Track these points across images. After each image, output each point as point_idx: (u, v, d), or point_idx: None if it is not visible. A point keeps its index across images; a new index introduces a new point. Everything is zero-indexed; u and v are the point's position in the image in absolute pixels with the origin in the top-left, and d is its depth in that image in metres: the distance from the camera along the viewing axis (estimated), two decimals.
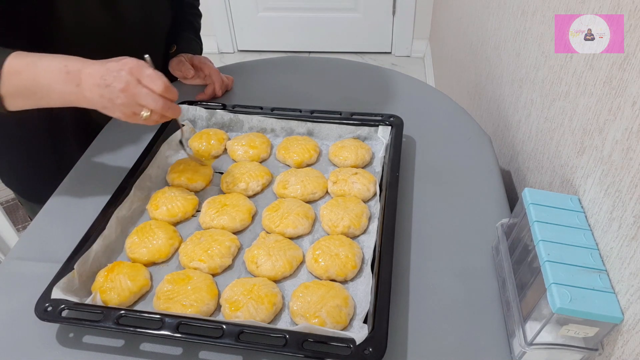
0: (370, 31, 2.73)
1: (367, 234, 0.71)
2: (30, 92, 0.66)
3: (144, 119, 0.65)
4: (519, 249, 0.60)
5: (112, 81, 0.63)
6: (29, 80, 0.65)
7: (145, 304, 0.63)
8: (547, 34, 0.77)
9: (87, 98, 0.65)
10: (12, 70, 0.65)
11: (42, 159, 0.96)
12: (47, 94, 0.66)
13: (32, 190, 1.00)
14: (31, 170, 0.98)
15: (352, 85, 1.05)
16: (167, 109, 0.66)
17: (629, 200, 0.50)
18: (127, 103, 0.64)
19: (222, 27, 2.77)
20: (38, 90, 0.66)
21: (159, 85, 0.64)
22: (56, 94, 0.66)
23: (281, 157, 0.84)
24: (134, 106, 0.65)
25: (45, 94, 0.66)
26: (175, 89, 0.67)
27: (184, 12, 1.06)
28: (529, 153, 0.83)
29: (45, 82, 0.65)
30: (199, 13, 1.11)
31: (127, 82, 0.63)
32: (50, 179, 0.83)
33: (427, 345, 0.58)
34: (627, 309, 0.49)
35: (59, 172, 0.83)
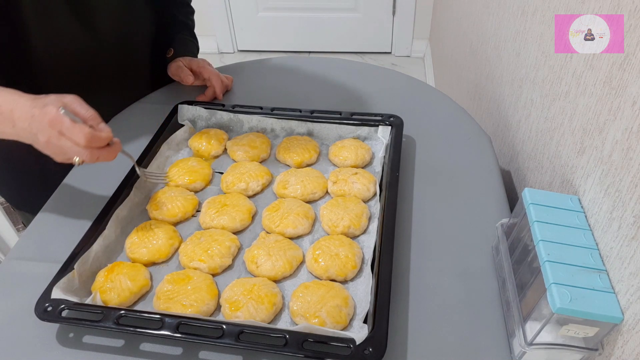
0: (370, 31, 2.73)
1: (367, 234, 0.71)
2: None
3: (77, 164, 0.63)
4: (519, 249, 0.60)
5: (37, 132, 0.61)
6: None
7: (145, 304, 0.63)
8: (547, 34, 0.77)
9: (22, 138, 0.64)
10: None
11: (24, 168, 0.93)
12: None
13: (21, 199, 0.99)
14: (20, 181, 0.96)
15: (352, 85, 1.05)
16: (95, 158, 0.62)
17: (629, 200, 0.50)
18: (55, 153, 0.62)
19: (222, 27, 2.77)
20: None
21: (80, 139, 0.60)
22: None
23: (281, 157, 0.84)
24: (63, 155, 0.63)
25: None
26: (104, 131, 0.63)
27: (177, 12, 1.05)
28: (529, 153, 0.83)
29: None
30: (192, 10, 1.10)
31: (49, 135, 0.60)
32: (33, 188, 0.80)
33: (427, 345, 0.58)
34: (627, 309, 0.49)
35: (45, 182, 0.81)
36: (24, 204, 0.98)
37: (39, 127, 0.60)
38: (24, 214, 1.00)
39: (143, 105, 1.00)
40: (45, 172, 0.83)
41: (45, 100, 0.62)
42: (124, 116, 0.97)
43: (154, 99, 1.01)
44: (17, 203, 1.01)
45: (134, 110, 0.99)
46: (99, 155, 0.63)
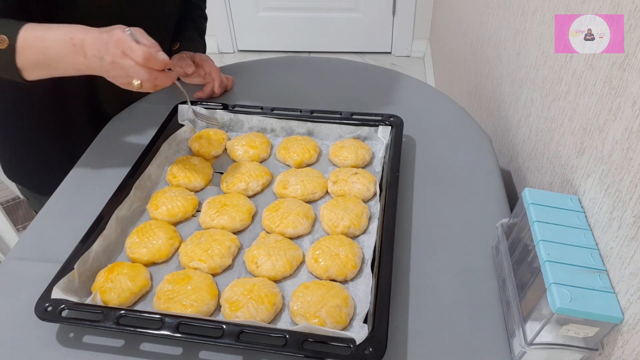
0: (370, 31, 2.72)
1: (367, 234, 0.71)
2: (44, 63, 0.70)
3: (137, 87, 0.68)
4: (519, 249, 0.60)
5: (104, 54, 0.67)
6: (41, 53, 0.69)
7: (145, 304, 0.63)
8: (547, 34, 0.77)
9: (93, 68, 0.69)
10: (24, 44, 0.69)
11: (51, 149, 0.97)
12: (60, 65, 0.70)
13: (40, 182, 1.01)
14: (40, 162, 0.99)
15: (352, 85, 1.05)
16: (153, 78, 0.68)
17: (629, 200, 0.50)
18: (119, 74, 0.68)
19: (222, 27, 2.77)
20: (51, 62, 0.70)
21: (139, 56, 0.65)
22: (68, 64, 0.70)
23: (281, 157, 0.84)
24: (125, 77, 0.68)
25: (58, 65, 0.70)
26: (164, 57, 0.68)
27: (190, 11, 1.07)
28: (529, 153, 0.83)
29: (56, 55, 0.69)
30: (205, 15, 1.12)
31: (114, 54, 0.66)
32: (59, 169, 0.84)
33: (427, 345, 0.58)
34: (627, 309, 0.49)
35: (69, 162, 0.85)
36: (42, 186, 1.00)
37: (106, 49, 0.66)
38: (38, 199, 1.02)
39: (143, 105, 1.00)
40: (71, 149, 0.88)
41: (113, 27, 0.68)
42: (124, 116, 0.97)
43: (153, 99, 1.01)
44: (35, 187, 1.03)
45: (134, 110, 0.99)
46: (157, 77, 0.68)
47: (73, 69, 0.71)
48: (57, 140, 0.96)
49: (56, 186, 0.81)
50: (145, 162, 0.79)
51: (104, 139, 0.92)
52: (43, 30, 0.69)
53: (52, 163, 0.98)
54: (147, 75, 0.67)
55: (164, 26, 0.99)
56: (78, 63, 0.69)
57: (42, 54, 0.69)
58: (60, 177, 0.82)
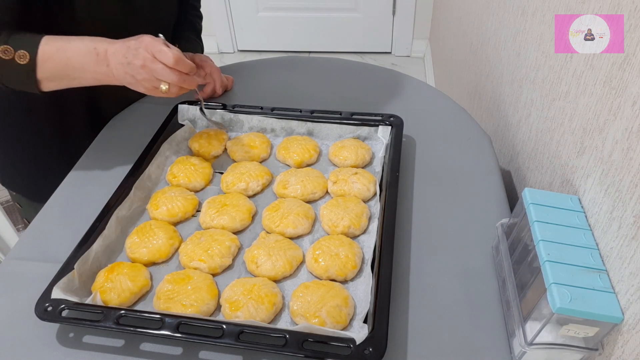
0: (370, 31, 2.72)
1: (367, 234, 0.71)
2: (65, 74, 0.72)
3: (163, 92, 0.70)
4: (519, 249, 0.60)
5: (132, 59, 0.69)
6: (62, 64, 0.71)
7: (145, 304, 0.63)
8: (547, 34, 0.77)
9: (115, 76, 0.71)
10: (45, 57, 0.71)
11: (48, 155, 0.97)
12: (80, 75, 0.72)
13: (35, 189, 1.00)
14: (36, 168, 0.99)
15: (352, 85, 1.05)
16: (182, 81, 0.71)
17: (629, 200, 0.50)
18: (147, 78, 0.70)
19: (222, 27, 2.77)
20: (72, 72, 0.72)
21: (170, 58, 0.68)
22: (89, 74, 0.72)
23: (281, 157, 0.84)
24: (154, 81, 0.70)
25: (79, 75, 0.72)
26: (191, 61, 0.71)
27: (186, 12, 1.07)
28: (529, 153, 0.83)
29: (78, 65, 0.71)
30: (200, 15, 1.12)
31: (144, 58, 0.69)
32: (55, 175, 0.84)
33: (427, 345, 0.58)
34: (627, 309, 0.49)
35: (66, 168, 0.85)
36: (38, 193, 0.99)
37: (135, 53, 0.69)
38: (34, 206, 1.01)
39: (143, 105, 1.00)
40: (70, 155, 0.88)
41: (139, 35, 0.71)
42: (124, 116, 0.97)
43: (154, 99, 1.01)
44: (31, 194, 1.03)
45: (134, 110, 0.99)
46: (185, 79, 0.71)
47: (93, 78, 0.73)
48: (54, 146, 0.96)
49: (51, 192, 0.81)
50: (145, 162, 0.79)
51: (104, 139, 0.92)
52: (64, 42, 0.71)
53: (48, 169, 0.97)
54: (177, 78, 0.70)
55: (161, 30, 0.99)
56: (100, 72, 0.71)
57: (65, 64, 0.71)
58: (56, 182, 0.82)
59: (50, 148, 0.96)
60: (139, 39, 0.70)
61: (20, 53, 0.70)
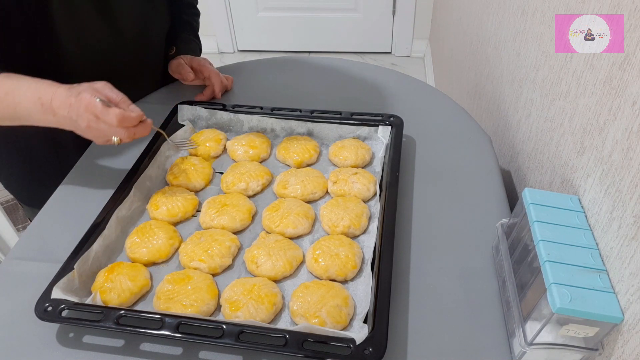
0: (370, 31, 2.72)
1: (367, 234, 0.71)
2: (14, 118, 0.71)
3: (116, 143, 0.68)
4: (519, 249, 0.60)
5: (77, 118, 0.67)
6: (11, 109, 0.70)
7: (145, 304, 0.63)
8: (547, 34, 0.77)
9: (63, 125, 0.69)
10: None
11: (42, 162, 0.96)
12: (29, 120, 0.70)
13: (32, 195, 1.00)
14: (31, 175, 0.98)
15: (352, 85, 1.05)
16: (132, 135, 0.69)
17: (629, 200, 0.50)
18: (95, 135, 0.69)
19: (222, 27, 2.77)
20: (20, 117, 0.71)
21: (113, 120, 0.66)
22: (37, 121, 0.70)
23: (281, 157, 0.84)
24: (103, 137, 0.68)
25: (27, 120, 0.71)
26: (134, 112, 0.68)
27: (182, 12, 1.06)
28: (529, 153, 0.83)
29: (26, 112, 0.69)
30: (198, 12, 1.11)
31: (88, 120, 0.66)
32: (50, 183, 0.83)
33: (427, 345, 0.58)
34: (627, 309, 0.49)
35: (60, 176, 0.84)
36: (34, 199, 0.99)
37: (78, 113, 0.66)
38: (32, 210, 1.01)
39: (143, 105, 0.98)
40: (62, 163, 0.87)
41: (79, 88, 0.68)
42: None
43: (154, 99, 1.01)
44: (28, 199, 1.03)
45: None
46: (135, 132, 0.69)
47: (43, 124, 0.71)
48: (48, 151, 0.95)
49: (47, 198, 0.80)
50: (145, 162, 0.79)
51: None
52: (14, 86, 0.70)
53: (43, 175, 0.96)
54: (125, 133, 0.68)
55: (154, 44, 0.99)
56: (48, 121, 0.69)
57: (13, 109, 0.70)
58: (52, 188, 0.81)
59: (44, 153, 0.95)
60: (78, 97, 0.66)
61: None
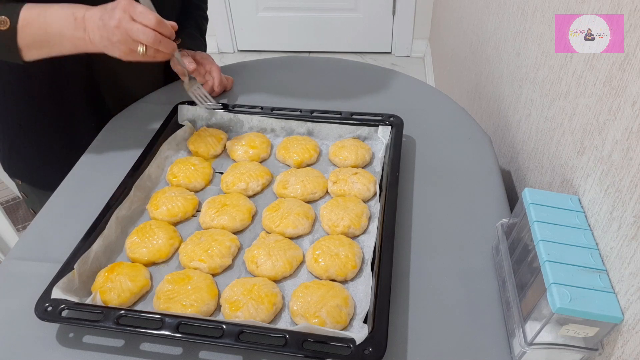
0: (370, 31, 2.72)
1: (367, 234, 0.71)
2: (44, 40, 0.71)
3: (141, 55, 0.69)
4: (519, 249, 0.60)
5: (108, 20, 0.68)
6: (42, 30, 0.70)
7: (145, 304, 0.63)
8: (547, 34, 0.77)
9: (92, 41, 0.70)
10: (25, 23, 0.70)
11: (51, 141, 0.97)
12: (59, 41, 0.71)
13: (40, 177, 1.01)
14: (40, 155, 0.99)
15: (352, 85, 1.05)
16: (158, 42, 0.69)
17: (629, 200, 0.50)
18: (123, 40, 0.69)
19: (222, 27, 2.77)
20: (51, 38, 0.71)
21: (151, 19, 0.67)
22: (67, 40, 0.71)
23: (281, 157, 0.84)
24: (130, 42, 0.69)
25: (57, 41, 0.71)
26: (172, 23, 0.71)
27: (191, 11, 1.07)
28: (529, 153, 0.83)
29: (57, 30, 0.70)
30: (206, 16, 1.12)
31: (120, 18, 0.67)
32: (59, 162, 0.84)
33: (427, 345, 0.58)
34: (627, 309, 0.49)
35: (69, 154, 0.85)
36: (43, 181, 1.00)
37: (111, 15, 0.68)
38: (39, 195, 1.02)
39: (143, 105, 1.00)
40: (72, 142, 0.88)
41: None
42: (124, 116, 0.97)
43: (154, 99, 1.01)
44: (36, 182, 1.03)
45: (134, 110, 0.99)
46: (161, 41, 0.70)
47: (72, 44, 0.72)
48: (56, 132, 0.96)
49: (56, 179, 0.81)
50: (145, 162, 0.79)
51: (104, 139, 0.92)
52: (44, 8, 0.71)
53: (52, 156, 0.97)
54: (154, 38, 0.68)
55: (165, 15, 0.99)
56: (77, 37, 0.70)
57: (44, 30, 0.70)
58: (61, 169, 0.82)
59: (52, 135, 0.96)
60: (116, 1, 0.68)
61: (1, 19, 0.69)
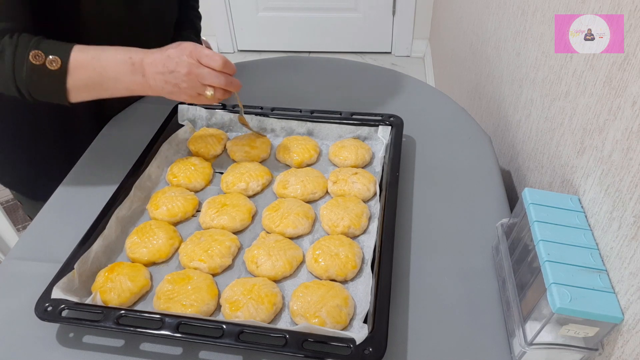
0: (370, 31, 2.72)
1: (367, 234, 0.71)
2: (97, 84, 0.70)
3: (209, 97, 0.69)
4: (519, 248, 0.60)
5: (175, 67, 0.68)
6: (96, 73, 0.69)
7: (145, 304, 0.63)
8: (547, 34, 0.77)
9: (151, 86, 0.70)
10: (77, 65, 0.69)
11: (48, 154, 0.96)
12: (113, 85, 0.70)
13: (36, 188, 1.00)
14: (36, 168, 0.98)
15: (352, 85, 1.05)
16: (229, 83, 0.70)
17: (629, 200, 0.50)
18: (192, 85, 0.69)
19: (222, 27, 2.77)
20: (105, 82, 0.70)
21: (218, 62, 0.67)
22: (123, 84, 0.70)
23: (281, 157, 0.84)
24: (199, 87, 0.69)
25: (112, 85, 0.70)
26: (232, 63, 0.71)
27: (186, 13, 1.07)
28: (529, 153, 0.83)
29: (113, 74, 0.69)
30: (199, 15, 1.12)
31: (189, 65, 0.67)
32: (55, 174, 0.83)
33: (427, 345, 0.58)
34: (627, 309, 0.49)
35: (66, 167, 0.84)
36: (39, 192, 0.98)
37: (178, 62, 0.68)
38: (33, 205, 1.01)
39: (143, 105, 1.00)
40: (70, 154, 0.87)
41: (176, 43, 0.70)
42: (124, 116, 0.97)
43: (154, 99, 1.01)
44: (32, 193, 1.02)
45: (134, 110, 0.99)
46: (231, 82, 0.70)
47: (127, 89, 0.71)
48: (54, 145, 0.95)
49: (51, 191, 0.80)
50: (145, 162, 0.79)
51: (104, 139, 0.92)
52: (99, 51, 0.70)
53: (47, 168, 0.96)
54: (224, 81, 0.69)
55: (163, 30, 0.99)
56: (135, 82, 0.70)
57: (99, 74, 0.69)
58: (56, 181, 0.81)
59: (50, 147, 0.96)
60: (179, 47, 0.68)
61: (52, 58, 0.67)
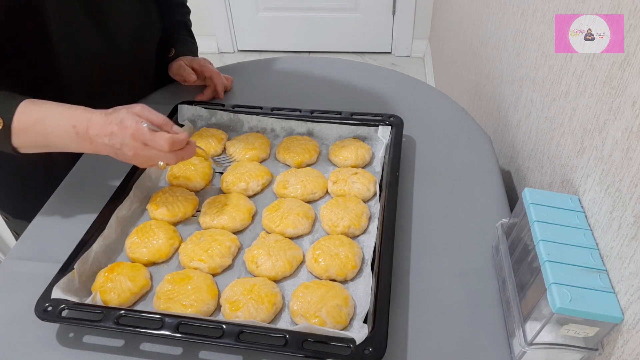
0: (370, 31, 2.72)
1: (367, 234, 0.71)
2: (45, 147, 0.68)
3: (162, 168, 0.67)
4: (519, 248, 0.60)
5: (121, 147, 0.64)
6: (42, 138, 0.67)
7: (145, 304, 0.63)
8: (547, 34, 0.77)
9: (103, 152, 0.67)
10: (21, 128, 0.66)
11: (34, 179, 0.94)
12: (63, 149, 0.68)
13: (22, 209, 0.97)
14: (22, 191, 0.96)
15: (352, 85, 1.05)
16: (180, 159, 0.67)
17: (629, 200, 0.50)
18: (141, 162, 0.67)
19: (222, 27, 2.77)
20: (52, 146, 0.68)
21: (164, 146, 0.64)
22: (72, 149, 0.68)
23: (281, 157, 0.84)
24: (148, 162, 0.67)
25: (61, 149, 0.68)
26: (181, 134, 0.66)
27: (175, 12, 1.06)
28: (529, 153, 0.83)
29: (59, 142, 0.67)
30: (188, 10, 1.10)
31: (135, 148, 0.64)
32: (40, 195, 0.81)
33: (427, 345, 0.58)
34: (627, 309, 0.49)
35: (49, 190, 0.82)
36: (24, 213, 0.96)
37: (123, 142, 0.64)
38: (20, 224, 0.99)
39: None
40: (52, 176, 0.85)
41: (119, 115, 0.64)
42: None
43: (154, 99, 1.01)
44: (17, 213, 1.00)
45: None
46: (182, 155, 0.67)
47: (80, 151, 0.69)
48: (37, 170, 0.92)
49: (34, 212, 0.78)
50: None
51: None
52: (43, 114, 0.66)
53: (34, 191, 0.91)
54: (174, 158, 0.66)
55: (148, 49, 0.98)
56: (84, 149, 0.67)
57: (44, 138, 0.67)
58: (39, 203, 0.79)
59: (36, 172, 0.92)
60: (121, 125, 0.63)
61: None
